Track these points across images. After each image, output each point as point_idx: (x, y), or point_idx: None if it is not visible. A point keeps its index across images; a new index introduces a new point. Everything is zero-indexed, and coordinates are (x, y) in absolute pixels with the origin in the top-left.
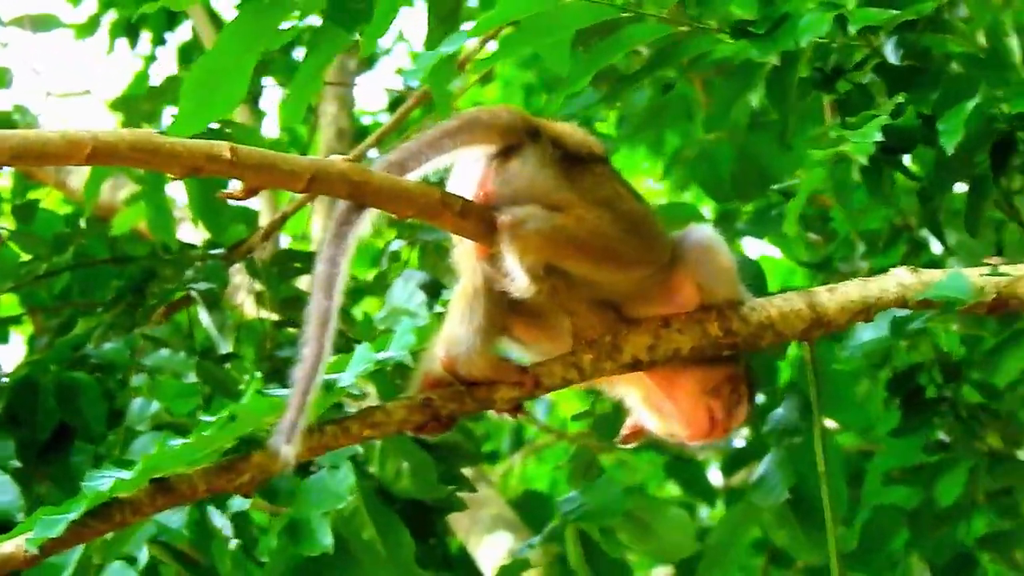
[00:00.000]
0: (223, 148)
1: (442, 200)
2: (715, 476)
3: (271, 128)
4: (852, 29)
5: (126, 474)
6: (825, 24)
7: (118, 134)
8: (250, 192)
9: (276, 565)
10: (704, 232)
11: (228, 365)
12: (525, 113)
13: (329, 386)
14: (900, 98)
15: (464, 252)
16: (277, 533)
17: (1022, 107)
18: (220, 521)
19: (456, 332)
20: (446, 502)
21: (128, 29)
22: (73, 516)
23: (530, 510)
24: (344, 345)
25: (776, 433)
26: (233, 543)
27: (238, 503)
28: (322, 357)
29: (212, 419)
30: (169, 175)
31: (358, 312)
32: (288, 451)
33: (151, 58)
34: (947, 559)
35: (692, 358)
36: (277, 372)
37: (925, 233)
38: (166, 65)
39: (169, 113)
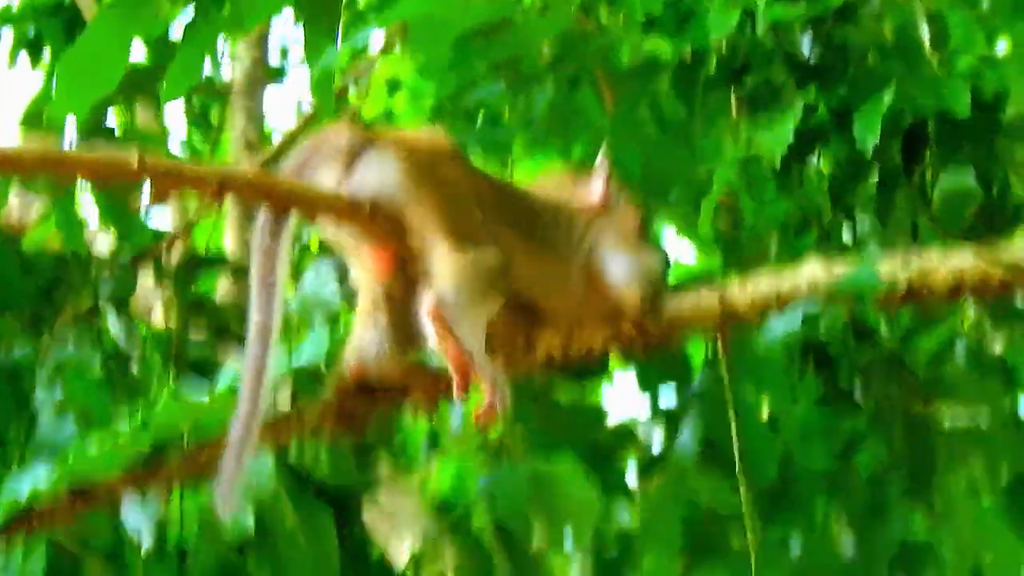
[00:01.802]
0: (131, 159)
1: (351, 202)
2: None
3: (174, 146)
4: (761, 25)
5: (43, 479)
6: (733, 20)
7: (25, 147)
8: (159, 198)
9: (197, 557)
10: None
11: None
12: (364, 128)
13: None
14: (811, 94)
15: (362, 269)
16: (198, 523)
17: (932, 103)
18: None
19: (364, 339)
20: (361, 487)
21: (29, 44)
22: None
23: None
24: None
25: (691, 398)
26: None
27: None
28: (256, 414)
29: (126, 425)
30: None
31: None
32: (226, 510)
33: (52, 73)
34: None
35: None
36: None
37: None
38: None
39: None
